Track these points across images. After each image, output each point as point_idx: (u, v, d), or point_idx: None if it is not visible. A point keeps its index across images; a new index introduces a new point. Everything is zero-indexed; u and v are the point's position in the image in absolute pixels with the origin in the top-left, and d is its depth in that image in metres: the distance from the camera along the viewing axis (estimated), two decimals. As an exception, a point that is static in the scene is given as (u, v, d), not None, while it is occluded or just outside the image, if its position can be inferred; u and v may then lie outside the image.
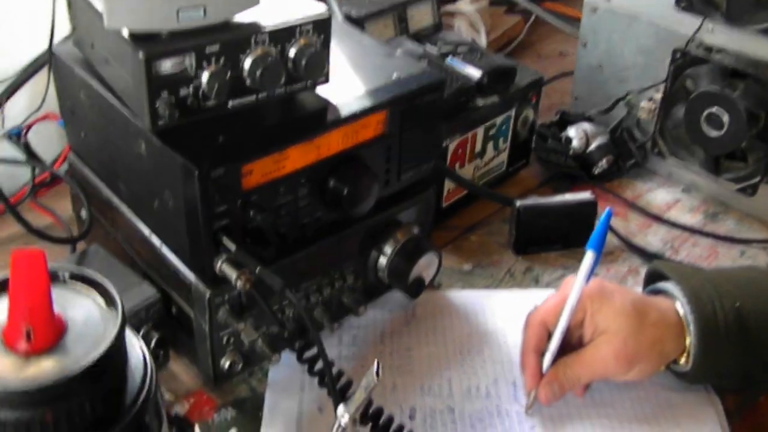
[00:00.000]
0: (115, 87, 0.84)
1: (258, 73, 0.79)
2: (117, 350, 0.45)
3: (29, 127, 1.13)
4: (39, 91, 1.05)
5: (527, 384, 0.90)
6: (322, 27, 0.83)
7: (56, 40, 0.97)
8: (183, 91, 0.77)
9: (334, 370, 0.83)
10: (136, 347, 0.48)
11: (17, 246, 1.08)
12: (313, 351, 0.86)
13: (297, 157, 0.84)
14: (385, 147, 0.93)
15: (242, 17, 0.79)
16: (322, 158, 0.87)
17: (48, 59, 0.97)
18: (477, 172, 1.21)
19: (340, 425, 0.62)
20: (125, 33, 0.75)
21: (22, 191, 1.12)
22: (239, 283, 0.81)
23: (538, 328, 0.90)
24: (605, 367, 0.87)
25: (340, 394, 0.81)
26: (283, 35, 0.81)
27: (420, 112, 0.94)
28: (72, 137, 1.03)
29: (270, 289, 0.81)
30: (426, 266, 0.99)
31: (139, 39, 0.74)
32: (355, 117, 0.88)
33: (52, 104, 1.06)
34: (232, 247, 0.81)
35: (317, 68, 0.84)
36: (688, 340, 0.87)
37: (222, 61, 0.78)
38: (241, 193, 0.81)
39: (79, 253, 0.97)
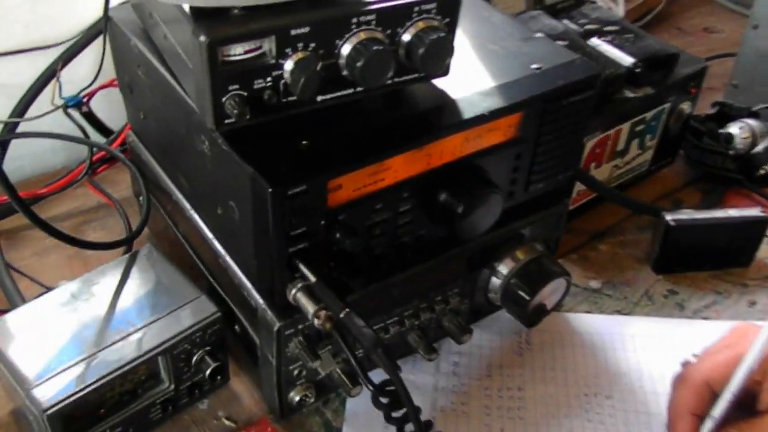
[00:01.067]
0: (175, 69, 0.65)
1: (359, 64, 0.58)
2: None
3: (92, 95, 0.95)
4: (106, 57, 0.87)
5: None
6: (448, 6, 0.62)
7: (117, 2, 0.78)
8: (258, 84, 0.57)
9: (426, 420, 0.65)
10: None
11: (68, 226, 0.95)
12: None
13: (400, 168, 0.64)
14: (514, 154, 0.72)
15: (341, -10, 0.58)
16: (433, 168, 0.66)
17: (104, 25, 0.77)
18: (615, 172, 0.98)
19: None
20: (186, 6, 0.54)
21: (79, 169, 0.94)
22: (317, 321, 0.62)
23: (700, 387, 0.69)
24: None
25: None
26: (397, 16, 0.60)
27: (564, 113, 0.72)
28: (131, 116, 0.85)
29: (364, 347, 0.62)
30: (550, 293, 0.79)
31: (202, 16, 0.55)
32: (481, 120, 0.67)
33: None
34: (311, 277, 0.62)
35: (438, 59, 0.62)
36: None
37: (312, 46, 0.57)
38: (326, 211, 0.62)
39: (129, 255, 0.79)
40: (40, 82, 0.99)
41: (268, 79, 0.57)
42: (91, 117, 0.98)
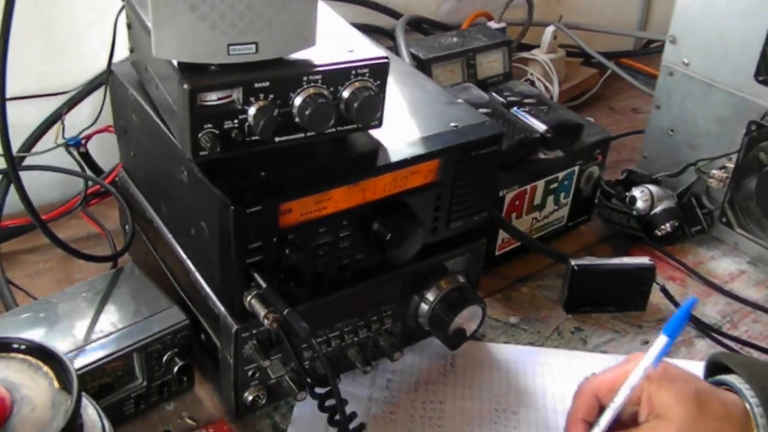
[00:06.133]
0: (163, 112, 0.79)
1: (307, 112, 0.72)
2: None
3: (89, 138, 1.08)
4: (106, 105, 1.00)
5: None
6: (379, 71, 0.76)
7: (119, 59, 0.92)
8: (228, 124, 0.71)
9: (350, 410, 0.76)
10: (97, 427, 0.41)
11: (60, 254, 1.04)
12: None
13: (340, 199, 0.78)
14: (435, 195, 0.85)
15: (297, 55, 0.72)
16: (367, 201, 0.79)
17: (106, 77, 0.91)
18: (535, 224, 1.12)
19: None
20: (174, 62, 0.69)
21: (75, 200, 1.07)
22: (266, 322, 0.74)
23: (589, 399, 0.80)
24: None
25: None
26: (337, 77, 0.74)
27: (475, 163, 0.86)
28: (123, 154, 0.99)
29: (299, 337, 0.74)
30: (469, 318, 0.91)
31: (186, 69, 0.69)
32: (405, 163, 0.81)
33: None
34: (263, 284, 0.74)
35: (370, 112, 0.77)
36: None
37: (271, 97, 0.71)
38: (278, 230, 0.75)
39: (114, 271, 0.91)
40: (47, 123, 1.11)
41: (236, 121, 0.71)
42: (87, 157, 1.10)
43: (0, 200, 1.03)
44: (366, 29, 1.35)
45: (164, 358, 0.83)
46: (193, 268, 0.84)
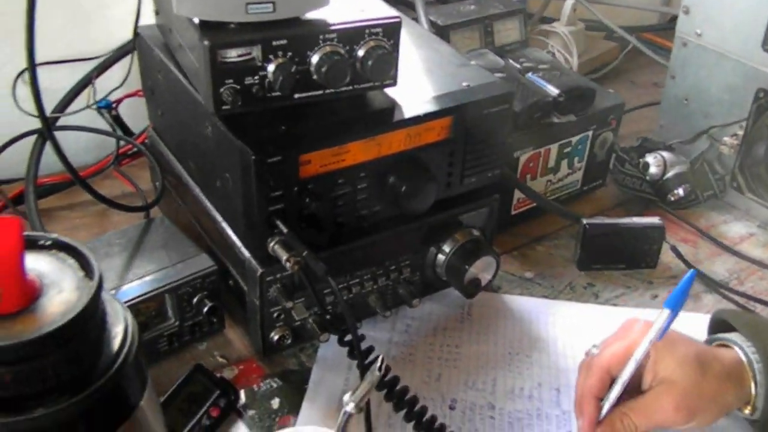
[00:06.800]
0: (187, 71, 0.84)
1: (324, 69, 0.77)
2: (87, 318, 0.42)
3: (119, 102, 1.13)
4: (134, 69, 1.05)
5: (583, 430, 0.82)
6: (391, 31, 0.80)
7: (145, 23, 0.96)
8: (248, 80, 0.75)
9: (368, 346, 0.80)
10: (119, 316, 0.45)
11: (95, 210, 1.11)
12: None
13: (357, 152, 0.82)
14: (448, 151, 0.89)
15: (313, 15, 0.77)
16: (383, 156, 0.83)
17: (133, 40, 0.96)
18: (549, 186, 1.15)
19: (345, 412, 0.58)
20: (195, 20, 0.73)
21: (107, 159, 1.13)
22: (288, 265, 0.79)
23: (601, 374, 0.82)
24: (664, 417, 0.80)
25: (366, 365, 0.78)
26: (352, 36, 0.78)
27: (487, 120, 0.90)
28: (151, 114, 1.04)
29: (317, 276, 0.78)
30: (483, 268, 0.95)
31: (207, 27, 0.73)
32: (419, 120, 0.84)
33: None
34: (284, 230, 0.79)
35: (384, 70, 0.81)
36: (753, 391, 0.80)
37: (289, 55, 0.75)
38: (298, 181, 0.79)
39: (146, 222, 0.97)
40: (78, 87, 1.15)
41: (256, 77, 0.75)
42: (117, 119, 1.16)
43: (36, 158, 1.08)
44: None
45: (194, 300, 0.88)
46: (219, 219, 0.89)
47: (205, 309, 0.89)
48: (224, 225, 0.88)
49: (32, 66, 0.80)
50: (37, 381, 0.39)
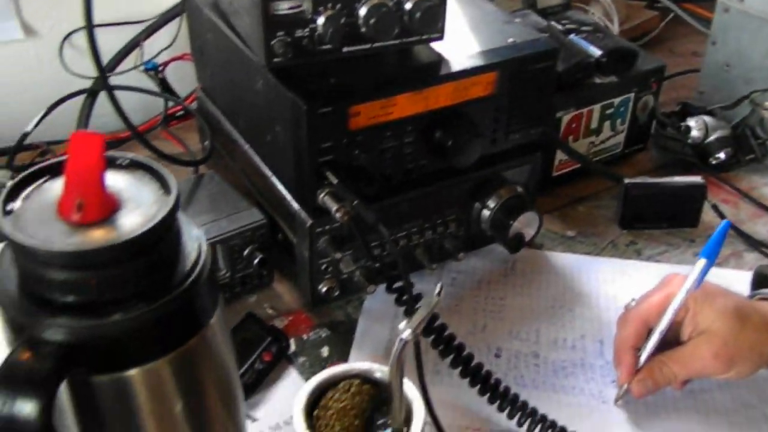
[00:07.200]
0: (238, 27, 0.85)
1: (372, 21, 0.78)
2: (165, 229, 0.44)
3: (166, 65, 1.15)
4: (181, 33, 1.07)
5: (621, 378, 0.84)
6: (439, -17, 0.81)
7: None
8: (299, 33, 0.77)
9: (416, 293, 0.82)
10: (193, 234, 0.47)
11: None
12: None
13: (405, 105, 0.83)
14: (493, 107, 0.90)
15: (362, -32, 0.78)
16: (430, 110, 0.85)
17: (182, 2, 0.98)
18: (591, 148, 1.16)
19: (401, 339, 0.59)
20: (247, -26, 0.75)
21: (157, 119, 1.15)
22: (338, 215, 0.80)
23: (638, 325, 0.84)
24: (703, 367, 0.80)
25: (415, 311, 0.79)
26: (400, -13, 0.79)
27: (531, 77, 0.90)
28: (200, 75, 1.06)
29: (368, 224, 0.80)
30: (526, 224, 0.96)
31: (258, -20, 0.74)
32: (465, 74, 0.85)
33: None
34: (334, 180, 0.80)
35: (432, 23, 0.82)
36: None
37: (338, 7, 0.77)
38: (348, 132, 0.81)
39: (196, 177, 0.98)
40: (126, 49, 1.17)
41: (306, 29, 0.77)
42: (163, 82, 1.17)
43: (85, 118, 1.10)
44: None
45: (245, 252, 0.89)
46: (269, 173, 0.91)
47: (256, 261, 0.90)
48: (274, 179, 0.90)
49: (90, 26, 0.82)
50: (118, 287, 0.41)
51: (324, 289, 0.90)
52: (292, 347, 0.88)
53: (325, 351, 0.88)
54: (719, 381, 0.85)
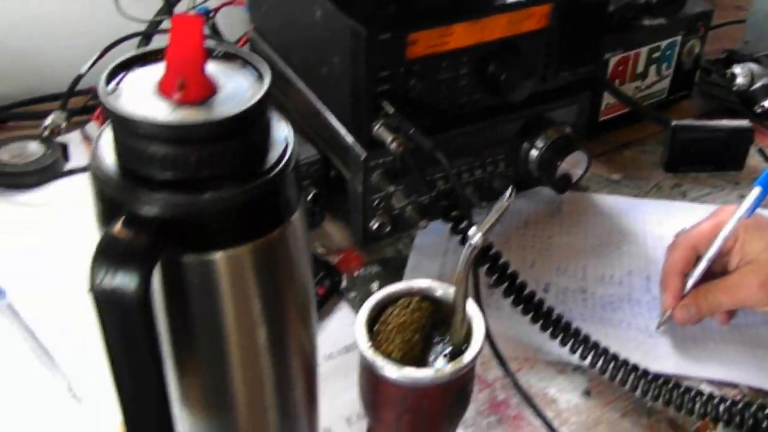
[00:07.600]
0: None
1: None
2: (260, 112, 0.45)
3: (216, 11, 1.15)
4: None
5: (666, 303, 0.84)
6: None
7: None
8: (359, -41, 0.77)
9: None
10: (282, 128, 0.48)
11: None
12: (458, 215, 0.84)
13: (461, 35, 0.83)
14: (545, 42, 0.90)
15: None
16: (485, 41, 0.84)
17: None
18: (637, 93, 1.15)
19: (470, 245, 0.59)
20: None
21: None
22: (393, 146, 0.80)
23: (687, 251, 0.83)
24: (748, 296, 0.80)
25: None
26: None
27: (584, 13, 0.90)
28: (254, 14, 1.06)
29: (423, 158, 0.80)
30: (574, 164, 0.95)
31: None
32: (521, 5, 0.85)
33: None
34: (390, 110, 0.80)
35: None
36: None
37: (398, -66, 0.77)
38: (405, 61, 0.81)
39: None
40: None
41: (366, -44, 0.77)
42: (214, 27, 1.17)
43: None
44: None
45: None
46: (323, 109, 0.91)
47: (309, 196, 0.91)
48: (328, 114, 0.90)
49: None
50: (215, 164, 0.42)
51: (376, 225, 0.90)
52: (344, 282, 0.89)
53: (375, 286, 0.89)
54: (765, 316, 0.85)
